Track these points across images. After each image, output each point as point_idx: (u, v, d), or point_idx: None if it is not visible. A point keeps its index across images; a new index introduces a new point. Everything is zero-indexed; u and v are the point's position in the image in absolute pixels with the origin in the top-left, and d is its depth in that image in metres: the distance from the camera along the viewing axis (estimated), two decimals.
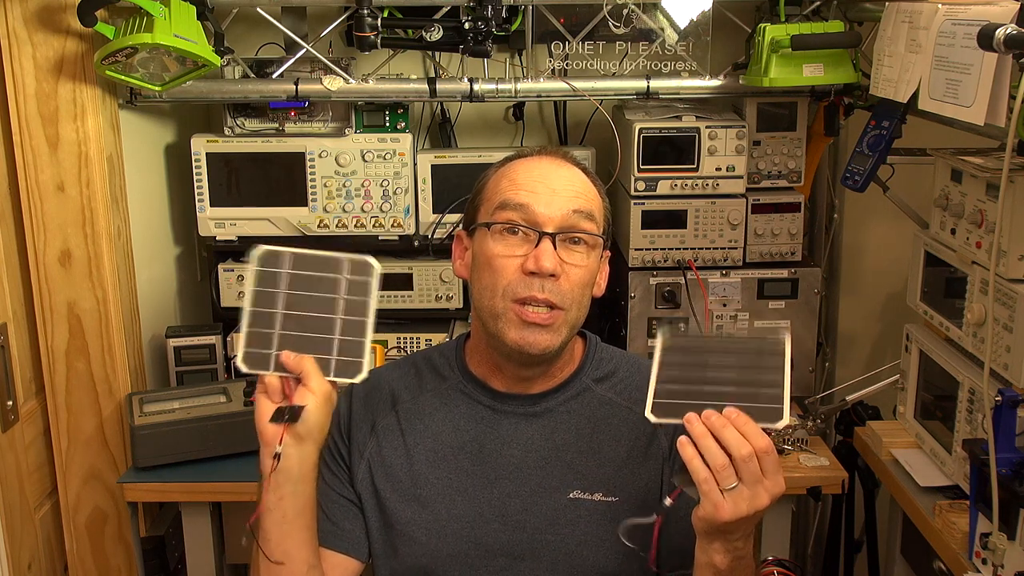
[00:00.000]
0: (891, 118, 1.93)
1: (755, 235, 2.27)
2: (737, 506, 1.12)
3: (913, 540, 1.93)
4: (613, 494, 1.40)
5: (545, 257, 1.32)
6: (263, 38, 2.39)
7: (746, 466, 1.12)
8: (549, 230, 1.34)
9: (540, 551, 1.40)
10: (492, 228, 1.36)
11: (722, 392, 1.19)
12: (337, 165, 2.29)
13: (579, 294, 1.37)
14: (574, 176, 1.41)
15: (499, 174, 1.42)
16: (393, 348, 2.31)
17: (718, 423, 1.14)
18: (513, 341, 1.34)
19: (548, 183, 1.38)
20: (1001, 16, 1.41)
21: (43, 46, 1.96)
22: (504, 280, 1.34)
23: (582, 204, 1.38)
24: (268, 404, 1.26)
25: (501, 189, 1.39)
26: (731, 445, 1.12)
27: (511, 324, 1.34)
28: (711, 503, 1.13)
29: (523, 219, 1.35)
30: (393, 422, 1.46)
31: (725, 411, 1.15)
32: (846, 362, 2.66)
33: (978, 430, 1.66)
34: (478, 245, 1.40)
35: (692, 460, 1.14)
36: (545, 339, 1.34)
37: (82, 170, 2.02)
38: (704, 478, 1.13)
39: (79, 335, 2.08)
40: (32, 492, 2.04)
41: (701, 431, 1.14)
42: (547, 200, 1.35)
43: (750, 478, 1.12)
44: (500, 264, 1.35)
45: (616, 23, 2.15)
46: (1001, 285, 1.63)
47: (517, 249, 1.35)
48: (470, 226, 1.44)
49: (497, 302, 1.35)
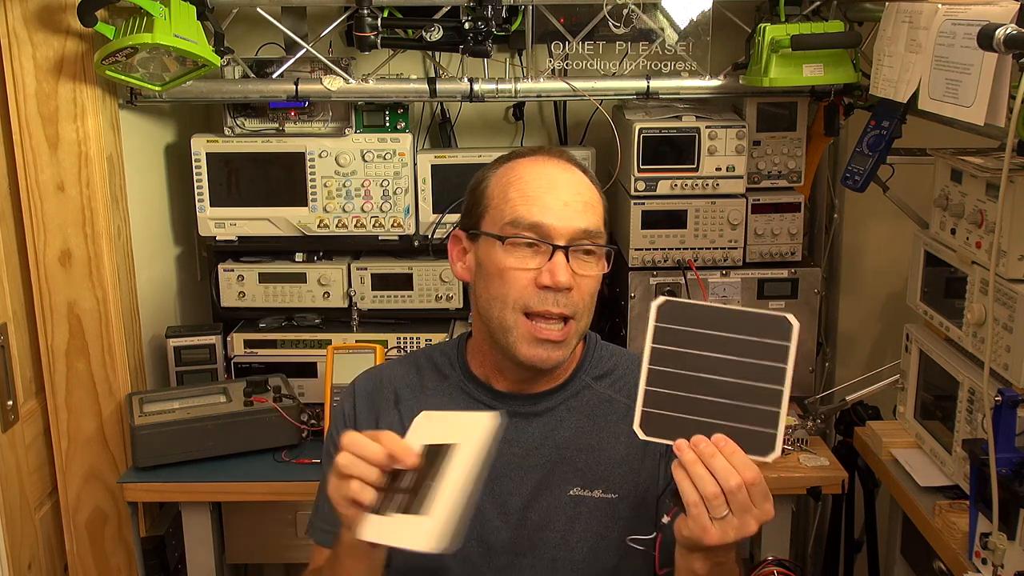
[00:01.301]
0: (891, 118, 1.93)
1: (755, 235, 2.27)
2: (725, 533, 1.11)
3: (913, 540, 1.93)
4: (613, 491, 1.41)
5: (560, 272, 1.32)
6: (263, 38, 2.39)
7: (734, 497, 1.10)
8: (562, 243, 1.34)
9: (541, 548, 1.40)
10: (505, 242, 1.35)
11: (714, 405, 1.14)
12: (337, 165, 2.29)
13: (589, 303, 1.38)
14: (581, 183, 1.41)
15: (505, 181, 1.40)
16: (393, 348, 2.32)
17: (707, 452, 1.11)
18: (526, 357, 1.35)
19: (558, 194, 1.36)
20: (1001, 16, 1.41)
21: (43, 46, 1.96)
22: (515, 292, 1.34)
23: (591, 214, 1.38)
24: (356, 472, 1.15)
25: (510, 199, 1.37)
26: (720, 475, 1.10)
27: (523, 340, 1.34)
28: (699, 527, 1.11)
29: (537, 236, 1.34)
30: (396, 419, 1.46)
31: (714, 439, 1.12)
32: (846, 362, 2.66)
33: (978, 430, 1.66)
34: (484, 253, 1.39)
35: (683, 483, 1.12)
36: (558, 355, 1.36)
37: (82, 170, 2.02)
38: (694, 502, 1.11)
39: (79, 335, 2.08)
40: (32, 492, 2.04)
41: (691, 459, 1.12)
42: (559, 214, 1.35)
43: (739, 508, 1.11)
44: (512, 276, 1.34)
45: (616, 23, 2.15)
46: (1001, 285, 1.63)
47: (529, 261, 1.34)
48: (471, 230, 1.42)
49: (508, 315, 1.35)
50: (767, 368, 1.14)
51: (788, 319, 1.14)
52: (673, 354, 1.17)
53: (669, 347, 1.17)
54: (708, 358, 1.16)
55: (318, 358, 2.31)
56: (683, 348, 1.17)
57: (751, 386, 1.15)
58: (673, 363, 1.17)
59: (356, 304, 2.37)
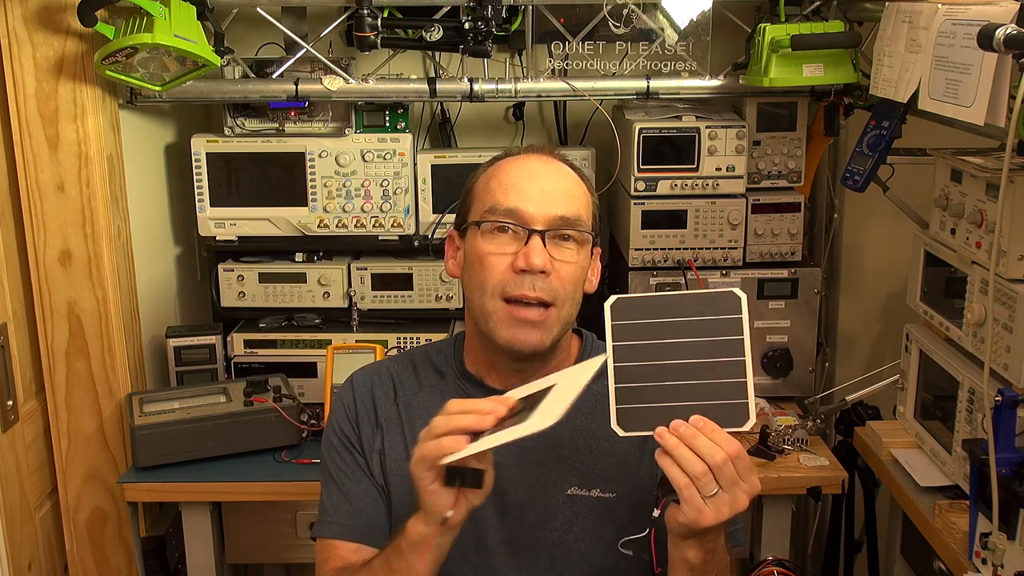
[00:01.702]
0: (891, 118, 1.92)
1: (755, 235, 2.27)
2: (719, 511, 1.14)
3: (913, 540, 1.93)
4: (610, 490, 1.41)
5: (535, 254, 1.33)
6: (263, 38, 2.39)
7: (722, 472, 1.13)
8: (538, 228, 1.35)
9: (538, 547, 1.40)
10: (482, 227, 1.37)
11: (684, 388, 1.18)
12: (337, 165, 2.29)
13: (571, 290, 1.37)
14: (562, 173, 1.42)
15: (487, 174, 1.43)
16: (393, 348, 2.31)
17: (687, 434, 1.14)
18: (504, 339, 1.35)
19: (537, 183, 1.38)
20: (1001, 16, 1.41)
21: (43, 46, 1.96)
22: (494, 278, 1.35)
23: (570, 202, 1.39)
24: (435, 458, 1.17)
25: (491, 189, 1.40)
26: (704, 454, 1.13)
27: (502, 323, 1.35)
28: (694, 509, 1.14)
29: (512, 219, 1.36)
30: (394, 414, 1.47)
31: (692, 419, 1.15)
32: (846, 362, 2.66)
33: (978, 430, 1.66)
34: (469, 244, 1.41)
35: (670, 469, 1.14)
36: (536, 337, 1.35)
37: (82, 170, 2.02)
38: (684, 484, 1.13)
39: (79, 335, 2.08)
40: (32, 492, 2.04)
41: (674, 443, 1.15)
42: (536, 200, 1.36)
43: (728, 482, 1.14)
44: (490, 262, 1.36)
45: (616, 23, 2.15)
46: (1001, 285, 1.63)
47: (507, 247, 1.36)
48: (461, 226, 1.45)
49: (487, 300, 1.36)
50: (725, 342, 1.19)
51: (735, 292, 1.19)
52: (634, 348, 1.20)
53: (629, 342, 1.21)
54: (668, 345, 1.20)
55: (318, 358, 2.31)
56: (643, 340, 1.20)
57: (714, 363, 1.18)
58: (636, 356, 1.20)
59: (356, 304, 2.37)
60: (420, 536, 1.23)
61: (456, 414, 1.19)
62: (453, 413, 1.19)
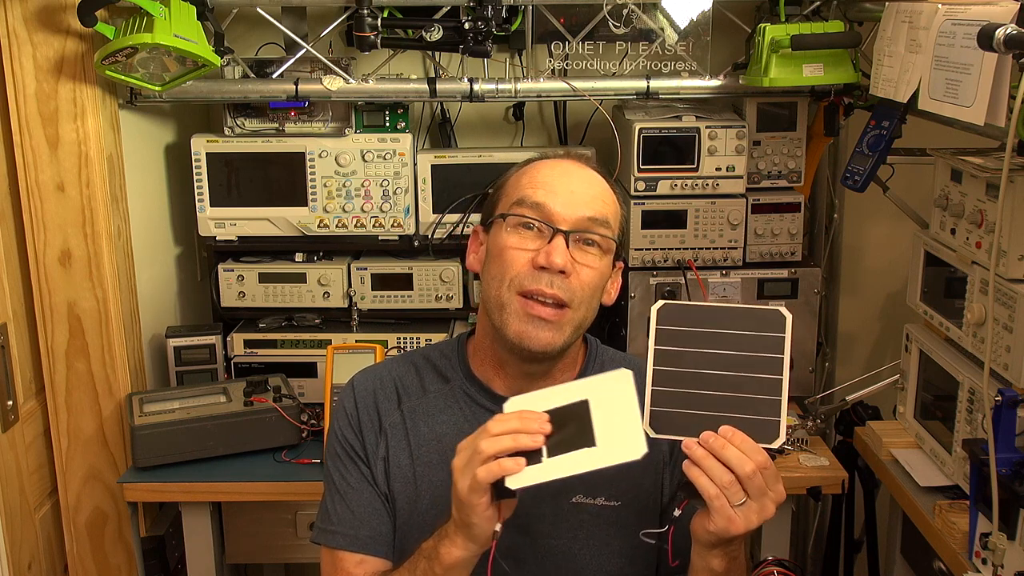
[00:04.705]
0: (891, 118, 1.93)
1: (755, 235, 2.27)
2: (748, 519, 1.16)
3: (913, 540, 1.93)
4: (615, 498, 1.40)
5: (557, 253, 1.32)
6: (263, 38, 2.39)
7: (751, 482, 1.15)
8: (564, 228, 1.35)
9: (543, 555, 1.40)
10: (508, 220, 1.37)
11: (719, 398, 1.20)
12: (337, 165, 2.29)
13: (588, 295, 1.36)
14: (594, 179, 1.42)
15: (520, 172, 1.43)
16: (393, 348, 2.31)
17: (717, 444, 1.16)
18: (515, 333, 1.33)
19: (568, 183, 1.38)
20: (1001, 16, 1.41)
21: (43, 46, 1.96)
22: (513, 271, 1.34)
23: (599, 207, 1.38)
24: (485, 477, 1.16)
25: (521, 185, 1.40)
26: (734, 464, 1.15)
27: (515, 316, 1.34)
28: (724, 518, 1.15)
29: (539, 216, 1.36)
30: (399, 420, 1.45)
31: (722, 430, 1.17)
32: (846, 362, 2.66)
33: (978, 430, 1.66)
34: (492, 237, 1.41)
35: (699, 479, 1.16)
36: (547, 335, 1.33)
37: (82, 170, 2.02)
38: (715, 494, 1.15)
39: (79, 335, 2.08)
40: (32, 492, 2.04)
41: (702, 454, 1.16)
42: (565, 200, 1.36)
43: (756, 492, 1.16)
44: (511, 256, 1.35)
45: (616, 23, 2.15)
46: (1001, 285, 1.63)
47: (530, 243, 1.35)
48: (487, 220, 1.44)
49: (503, 292, 1.35)
50: (765, 359, 1.21)
51: (781, 311, 1.21)
52: (675, 354, 1.23)
53: (671, 347, 1.23)
54: (709, 355, 1.22)
55: (318, 358, 2.31)
56: (684, 347, 1.22)
57: (751, 378, 1.21)
58: (676, 362, 1.22)
59: (356, 304, 2.37)
60: (458, 560, 1.23)
61: (503, 435, 1.16)
62: (498, 434, 1.17)
